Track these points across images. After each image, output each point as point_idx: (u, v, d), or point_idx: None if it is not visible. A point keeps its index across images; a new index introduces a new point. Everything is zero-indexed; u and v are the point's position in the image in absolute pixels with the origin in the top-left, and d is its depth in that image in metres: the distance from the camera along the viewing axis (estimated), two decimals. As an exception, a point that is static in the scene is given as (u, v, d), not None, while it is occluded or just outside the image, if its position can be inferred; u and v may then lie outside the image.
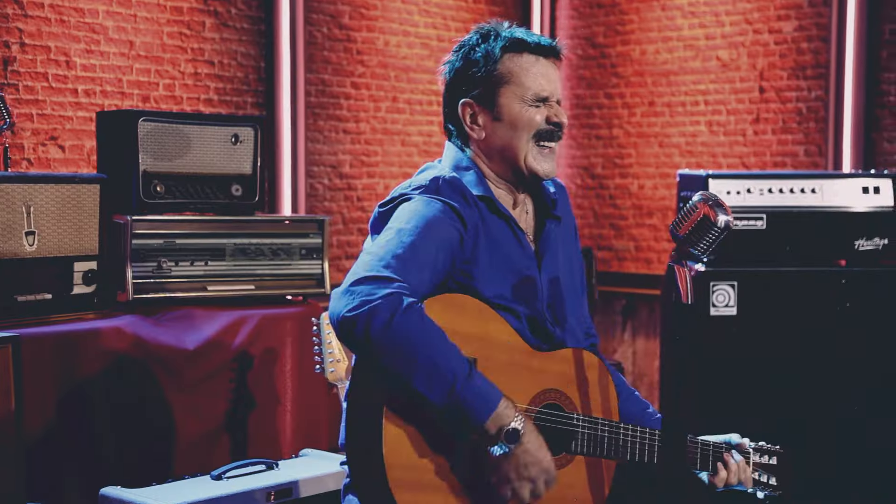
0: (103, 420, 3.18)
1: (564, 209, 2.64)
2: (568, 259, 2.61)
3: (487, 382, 2.17)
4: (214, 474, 3.09)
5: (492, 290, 2.37)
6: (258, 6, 5.49)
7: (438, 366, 2.13)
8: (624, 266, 6.96)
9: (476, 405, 2.14)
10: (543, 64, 2.46)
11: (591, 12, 7.02)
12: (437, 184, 2.40)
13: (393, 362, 2.12)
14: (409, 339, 2.12)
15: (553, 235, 2.56)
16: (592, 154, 7.05)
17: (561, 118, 2.48)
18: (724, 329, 4.33)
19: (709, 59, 6.50)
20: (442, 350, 2.15)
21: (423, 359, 2.12)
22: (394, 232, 2.28)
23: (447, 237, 2.32)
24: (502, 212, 2.44)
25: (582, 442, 2.34)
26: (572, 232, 2.68)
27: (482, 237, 2.40)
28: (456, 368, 2.14)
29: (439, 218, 2.32)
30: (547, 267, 2.50)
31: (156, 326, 3.42)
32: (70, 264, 3.35)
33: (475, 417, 2.14)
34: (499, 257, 2.42)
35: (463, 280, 2.36)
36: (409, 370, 2.12)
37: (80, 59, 4.78)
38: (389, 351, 2.12)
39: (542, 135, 2.46)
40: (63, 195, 3.32)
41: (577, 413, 2.36)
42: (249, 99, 5.47)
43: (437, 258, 2.28)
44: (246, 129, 3.83)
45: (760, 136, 6.29)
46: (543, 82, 2.45)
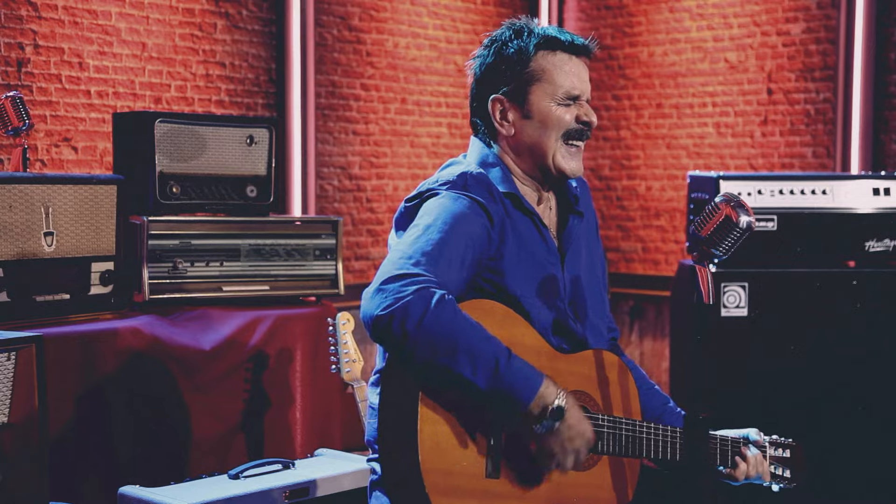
0: (122, 419, 3.20)
1: (586, 204, 2.65)
2: (590, 255, 2.62)
3: (528, 364, 2.20)
4: (232, 473, 3.10)
5: (518, 287, 2.38)
6: (269, 8, 5.51)
7: (480, 351, 2.15)
8: (631, 267, 6.98)
9: (520, 386, 2.17)
10: (576, 63, 2.48)
11: (598, 14, 7.04)
12: (465, 179, 2.41)
13: (433, 355, 2.14)
14: (447, 329, 2.13)
15: (576, 232, 2.57)
16: (600, 156, 7.07)
17: (591, 117, 2.49)
18: (735, 330, 4.34)
19: (717, 60, 6.52)
20: (480, 337, 2.17)
21: (463, 346, 2.14)
22: (422, 228, 2.29)
23: (475, 233, 2.32)
24: (527, 208, 2.45)
25: (607, 442, 2.36)
26: (594, 227, 2.69)
27: (509, 233, 2.41)
28: (497, 352, 2.17)
29: (466, 214, 2.33)
30: (570, 264, 2.52)
31: (172, 326, 3.44)
32: (87, 265, 3.37)
33: (520, 398, 2.17)
34: (524, 254, 2.43)
35: (492, 277, 2.38)
36: (451, 359, 2.13)
37: (94, 60, 4.81)
38: (428, 344, 2.13)
39: (572, 134, 2.47)
40: (80, 196, 3.34)
41: (601, 413, 2.38)
42: (260, 100, 5.49)
43: (465, 254, 2.29)
44: (261, 131, 3.85)
45: (768, 137, 6.31)
46: (576, 81, 2.47)
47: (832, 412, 4.33)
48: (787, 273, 4.37)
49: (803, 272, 4.37)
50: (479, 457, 2.23)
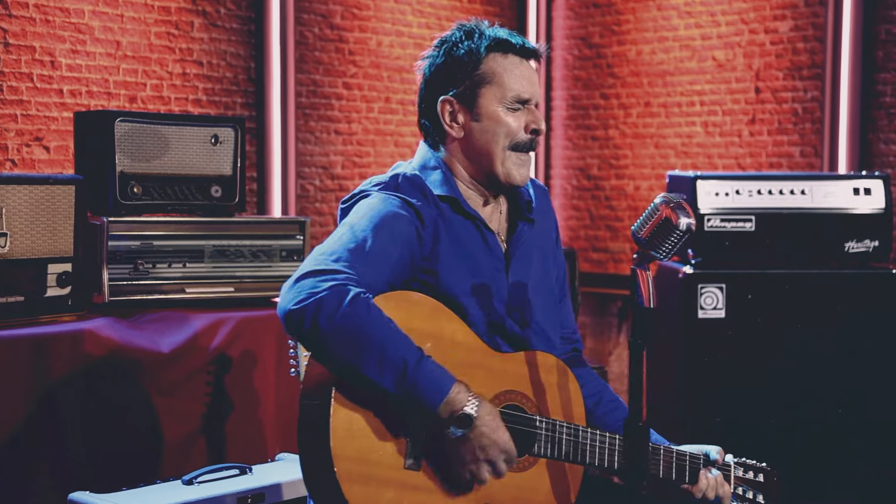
0: (75, 424, 3.14)
1: (542, 211, 2.60)
2: (544, 262, 2.57)
3: (440, 368, 2.15)
4: (185, 479, 3.05)
5: (454, 287, 2.34)
6: (248, 6, 5.45)
7: (388, 352, 2.11)
8: (619, 268, 6.91)
9: (428, 391, 2.12)
10: (526, 67, 2.42)
11: (587, 12, 6.97)
12: (397, 180, 2.39)
13: (342, 352, 2.10)
14: (358, 328, 2.10)
15: (525, 237, 2.52)
16: (588, 155, 7.01)
17: (539, 125, 2.43)
18: (712, 332, 4.29)
19: (705, 59, 6.45)
20: (392, 338, 2.13)
21: (373, 347, 2.10)
22: (347, 227, 2.27)
23: (403, 232, 2.29)
24: (468, 212, 2.41)
25: (544, 444, 2.30)
26: (552, 235, 2.63)
27: (444, 235, 2.37)
28: (406, 354, 2.12)
29: (395, 213, 2.30)
30: (515, 269, 2.46)
31: (131, 329, 3.38)
32: (44, 266, 3.31)
33: (427, 403, 2.12)
34: (463, 257, 2.38)
35: (427, 278, 2.34)
36: (359, 359, 2.10)
37: (66, 59, 4.76)
38: (338, 341, 2.10)
39: (520, 146, 2.42)
40: (37, 196, 3.28)
41: (538, 415, 2.32)
42: (239, 99, 5.44)
43: (391, 253, 2.26)
44: (226, 130, 3.79)
45: (756, 136, 6.24)
46: (526, 84, 2.40)
47: (810, 414, 4.27)
48: (766, 274, 4.31)
49: (782, 273, 4.31)
50: (397, 447, 2.18)
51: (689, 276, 4.28)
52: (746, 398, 4.31)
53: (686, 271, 4.29)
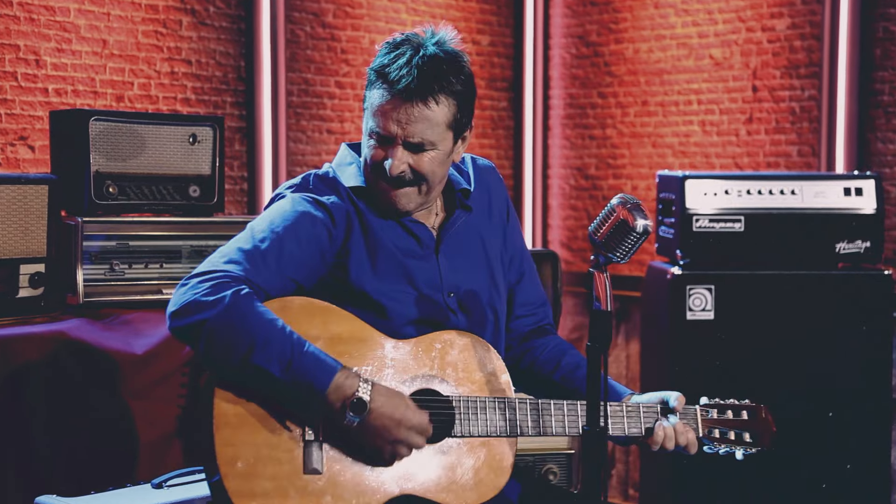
0: (43, 427, 3.11)
1: (487, 193, 2.56)
2: (484, 243, 2.52)
3: (324, 353, 2.13)
4: (155, 483, 3.01)
5: (367, 281, 2.33)
6: (237, 4, 5.41)
7: (273, 341, 2.10)
8: (617, 268, 6.84)
9: (315, 374, 2.10)
10: (393, 103, 2.33)
11: (584, 10, 6.91)
12: (308, 180, 2.41)
13: (224, 348, 2.10)
14: (239, 321, 2.09)
15: (460, 223, 2.49)
16: (586, 154, 6.95)
17: (385, 167, 2.35)
18: (700, 334, 4.23)
19: (702, 57, 6.39)
20: (275, 328, 2.12)
21: (257, 337, 2.09)
22: (248, 228, 2.30)
23: (310, 232, 2.30)
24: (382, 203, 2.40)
25: (465, 424, 2.25)
26: (501, 214, 2.59)
27: (356, 228, 2.36)
28: (292, 341, 2.11)
29: (302, 213, 2.31)
30: (447, 252, 2.44)
31: (103, 330, 3.34)
32: (16, 267, 3.28)
33: (316, 387, 2.09)
34: (378, 247, 2.37)
35: (339, 274, 2.34)
36: (243, 350, 2.08)
37: (51, 57, 4.72)
38: (219, 337, 2.10)
39: (376, 175, 2.39)
40: (8, 196, 3.25)
41: (456, 396, 2.26)
42: (229, 98, 5.40)
43: (293, 253, 2.26)
44: (204, 129, 3.75)
45: (754, 136, 6.17)
46: (381, 120, 2.35)
47: (801, 416, 4.21)
48: (755, 275, 4.26)
49: (772, 274, 4.25)
50: (292, 454, 2.16)
51: (678, 278, 4.22)
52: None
53: (674, 272, 4.24)
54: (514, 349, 2.64)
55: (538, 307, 2.68)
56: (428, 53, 2.33)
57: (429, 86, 2.30)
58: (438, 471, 2.23)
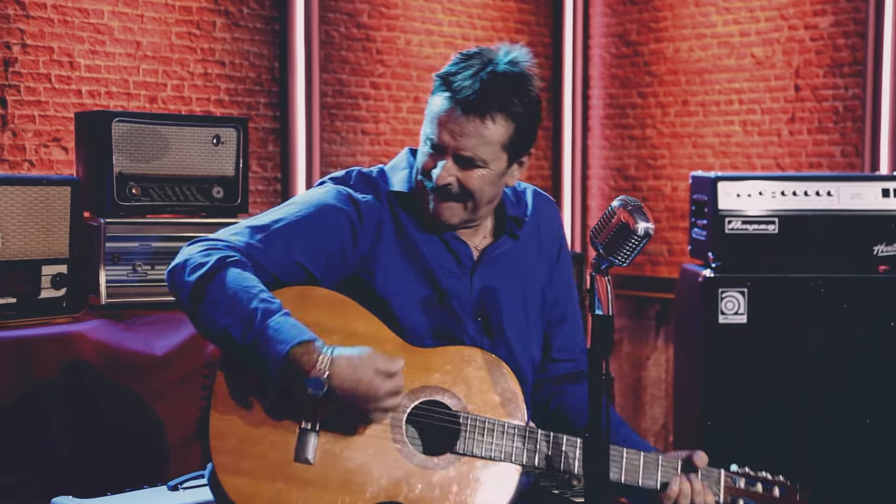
0: (61, 427, 3.12)
1: (536, 230, 2.48)
2: (525, 277, 2.45)
3: (296, 324, 2.10)
4: (171, 485, 3.01)
5: (391, 289, 2.28)
6: (271, 5, 5.41)
7: (240, 303, 2.09)
8: (657, 271, 6.76)
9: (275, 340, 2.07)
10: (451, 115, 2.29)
11: (624, 9, 6.83)
12: (351, 176, 2.36)
13: (199, 312, 2.11)
14: (215, 288, 2.09)
15: (504, 249, 2.42)
16: (626, 155, 6.87)
17: (430, 176, 2.30)
18: (733, 338, 4.15)
19: (743, 56, 6.28)
20: (249, 291, 2.11)
21: (226, 300, 2.09)
22: (275, 209, 2.29)
23: (333, 222, 2.27)
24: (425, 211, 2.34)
25: (468, 442, 2.20)
26: (551, 254, 2.51)
27: (388, 234, 2.31)
28: (261, 308, 2.09)
29: (329, 203, 2.28)
30: (484, 275, 2.37)
31: (124, 332, 3.35)
32: (38, 267, 3.29)
33: (272, 353, 2.06)
34: (411, 258, 2.32)
35: (364, 276, 2.29)
36: (213, 312, 2.09)
37: (85, 59, 4.75)
38: (196, 300, 2.12)
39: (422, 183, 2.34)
40: (31, 197, 3.27)
41: (464, 412, 2.21)
42: (262, 100, 5.40)
43: (306, 236, 2.23)
44: (228, 131, 3.75)
45: (796, 136, 6.05)
46: (435, 127, 2.33)
47: (836, 423, 4.11)
48: (789, 278, 4.16)
49: (806, 278, 4.15)
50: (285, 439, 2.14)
51: (710, 280, 4.14)
52: (769, 406, 4.16)
53: (706, 275, 4.16)
54: (546, 390, 2.56)
55: (578, 353, 2.59)
56: (497, 70, 2.26)
57: (488, 102, 2.24)
58: (434, 484, 2.18)
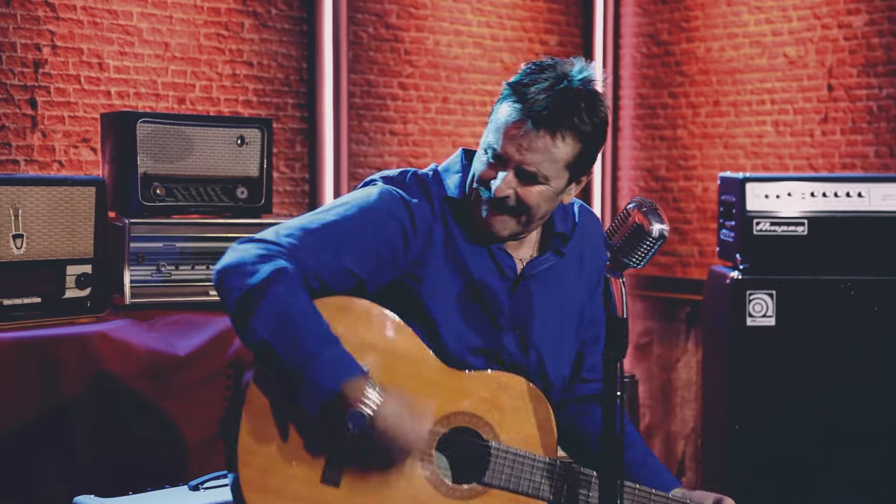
0: (84, 427, 3.13)
1: (579, 248, 2.43)
2: (565, 296, 2.40)
3: (347, 355, 2.06)
4: (192, 485, 3.01)
5: (435, 297, 2.22)
6: (300, 6, 5.42)
7: (295, 334, 2.03)
8: (688, 272, 6.70)
9: (323, 375, 2.03)
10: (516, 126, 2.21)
11: (655, 9, 6.78)
12: (405, 177, 2.30)
13: (248, 325, 2.05)
14: (270, 300, 2.04)
15: (548, 265, 2.37)
16: (656, 156, 6.82)
17: (488, 185, 2.24)
18: (761, 340, 4.10)
19: (776, 56, 6.22)
20: (304, 318, 2.06)
21: (279, 322, 2.04)
22: (326, 208, 2.21)
23: (385, 227, 2.20)
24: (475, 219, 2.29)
25: (497, 473, 2.16)
26: (591, 276, 2.46)
27: (438, 240, 2.25)
28: (313, 337, 2.04)
29: (382, 206, 2.21)
30: (525, 289, 2.32)
31: (146, 332, 3.36)
32: (62, 267, 3.31)
33: (324, 384, 2.02)
34: (457, 266, 2.26)
35: (412, 284, 2.23)
36: (265, 329, 2.04)
37: (114, 61, 4.78)
38: (247, 308, 2.05)
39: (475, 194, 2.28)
40: (56, 198, 3.29)
41: (496, 441, 2.18)
42: (290, 100, 5.41)
43: (358, 242, 2.16)
44: (252, 131, 3.76)
45: (829, 136, 5.98)
46: (499, 137, 2.24)
47: (865, 426, 4.06)
48: (819, 280, 4.11)
49: (836, 280, 4.10)
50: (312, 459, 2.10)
51: (737, 282, 4.10)
52: (797, 409, 4.12)
53: (734, 276, 4.12)
54: (570, 410, 2.51)
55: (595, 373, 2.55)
56: (571, 86, 2.19)
57: (561, 119, 2.17)
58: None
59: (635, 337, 6.93)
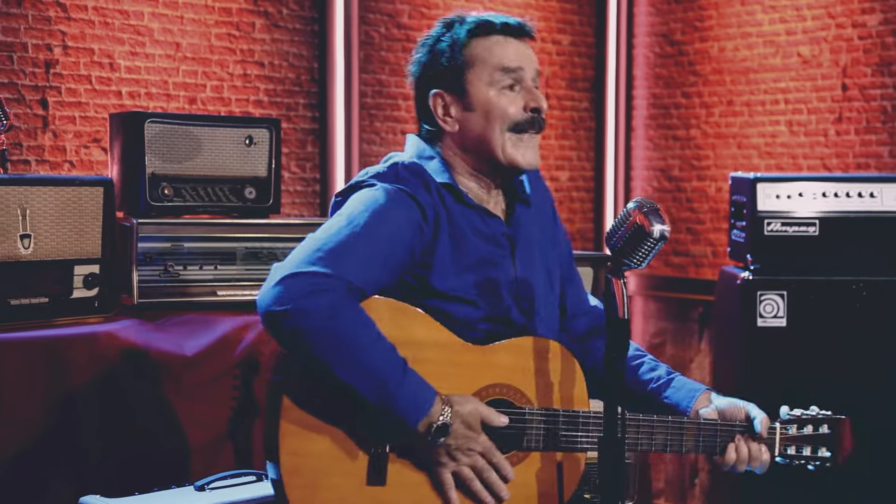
0: (91, 427, 3.13)
1: (535, 192, 2.50)
2: (543, 245, 2.46)
3: (420, 383, 2.08)
4: (198, 485, 3.01)
5: (448, 283, 2.24)
6: (311, 6, 5.42)
7: (372, 365, 2.05)
8: (701, 272, 6.67)
9: (409, 409, 2.06)
10: (514, 43, 2.35)
11: (668, 8, 6.76)
12: (396, 170, 2.29)
13: (325, 360, 2.05)
14: (342, 337, 2.03)
15: (524, 220, 2.42)
16: (669, 156, 6.79)
17: (539, 102, 2.33)
18: (771, 341, 4.07)
19: (789, 55, 6.18)
20: (375, 348, 2.06)
21: (356, 358, 2.04)
22: (343, 220, 2.17)
23: (404, 229, 2.20)
24: (469, 202, 2.31)
25: (535, 437, 2.20)
26: (548, 213, 2.53)
27: (444, 227, 2.27)
28: (391, 368, 2.06)
29: (395, 209, 2.21)
30: (521, 256, 2.36)
31: (155, 332, 3.36)
32: (70, 267, 3.31)
33: (408, 421, 2.06)
34: (461, 248, 2.28)
35: (419, 271, 2.24)
36: (342, 369, 2.04)
37: (125, 61, 4.79)
38: (321, 349, 2.04)
39: (521, 125, 2.32)
40: (63, 198, 3.29)
41: (529, 406, 2.20)
42: (301, 100, 5.41)
43: (389, 252, 2.17)
44: (260, 131, 3.76)
45: (843, 136, 5.94)
46: (511, 54, 2.32)
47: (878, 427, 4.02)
48: (830, 281, 4.08)
49: (847, 280, 4.07)
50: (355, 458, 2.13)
51: (748, 283, 4.07)
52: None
53: (744, 277, 4.09)
54: (574, 350, 2.56)
55: (588, 306, 2.62)
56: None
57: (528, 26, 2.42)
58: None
59: (649, 337, 6.91)
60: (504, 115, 2.30)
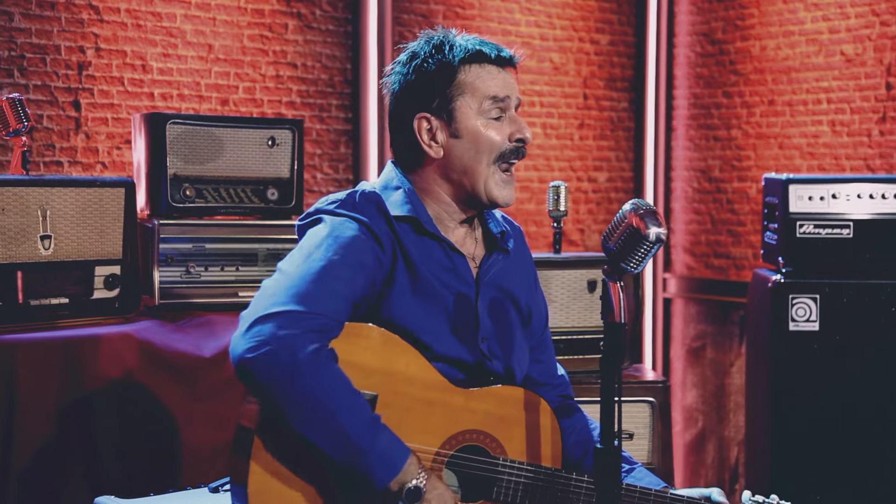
0: (107, 427, 3.15)
1: (518, 251, 2.46)
2: (517, 297, 2.41)
3: (393, 441, 2.03)
4: (212, 486, 3.00)
5: (410, 317, 2.20)
6: (344, 7, 5.42)
7: (339, 421, 2.00)
8: (742, 275, 6.57)
9: (379, 470, 2.02)
10: (503, 73, 2.32)
11: (709, 7, 6.66)
12: (354, 198, 2.26)
13: (293, 414, 2.00)
14: (311, 390, 1.99)
15: (499, 266, 2.37)
16: (710, 156, 6.70)
17: (524, 133, 2.29)
18: (804, 345, 3.99)
19: (832, 54, 6.06)
20: (345, 405, 2.01)
21: (325, 413, 2.00)
22: (305, 257, 2.13)
23: (364, 259, 2.17)
24: (432, 233, 2.27)
25: (505, 489, 2.14)
26: (530, 276, 2.49)
27: (400, 259, 2.23)
28: (361, 431, 2.01)
29: (355, 238, 2.18)
30: (486, 296, 2.31)
31: (173, 333, 3.37)
32: (91, 268, 3.33)
33: (377, 482, 2.01)
34: (421, 283, 2.24)
35: (379, 303, 2.20)
36: (309, 423, 2.00)
37: (157, 62, 4.82)
38: (289, 401, 2.00)
39: (506, 155, 2.29)
40: (84, 199, 3.31)
41: (502, 457, 2.15)
42: (334, 101, 5.41)
43: (352, 283, 2.13)
44: (283, 132, 3.75)
45: (887, 136, 5.81)
46: (500, 84, 2.29)
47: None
48: (864, 285, 3.99)
49: (881, 284, 3.97)
50: None
51: (780, 286, 3.99)
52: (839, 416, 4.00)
53: (776, 280, 4.01)
54: None
55: (560, 379, 2.55)
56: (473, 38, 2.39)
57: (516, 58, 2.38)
58: None
59: (689, 341, 6.82)
60: (491, 146, 2.27)
